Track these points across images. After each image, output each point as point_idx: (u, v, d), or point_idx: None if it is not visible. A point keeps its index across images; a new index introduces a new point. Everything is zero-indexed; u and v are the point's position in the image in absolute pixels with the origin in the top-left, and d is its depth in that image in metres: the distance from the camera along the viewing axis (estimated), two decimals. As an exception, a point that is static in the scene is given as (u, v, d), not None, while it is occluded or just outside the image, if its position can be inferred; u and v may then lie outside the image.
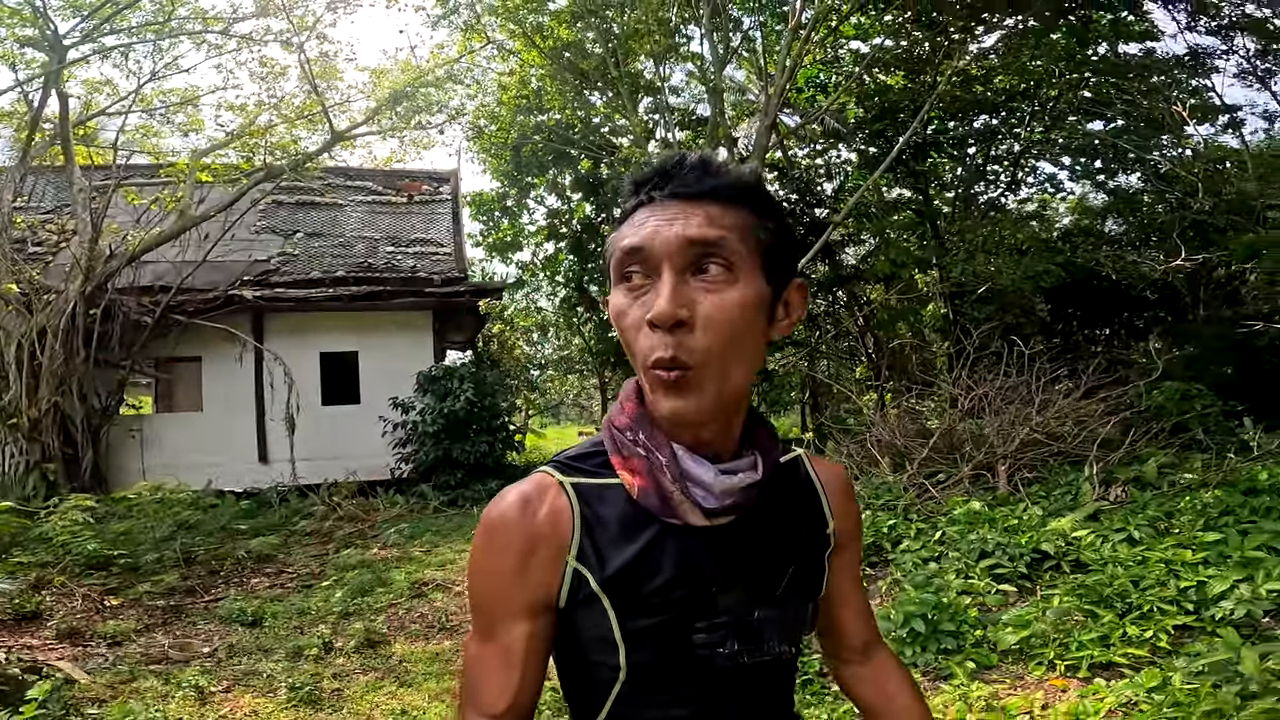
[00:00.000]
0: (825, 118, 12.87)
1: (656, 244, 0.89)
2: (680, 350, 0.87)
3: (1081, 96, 11.02)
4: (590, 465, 0.99)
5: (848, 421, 9.94)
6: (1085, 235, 12.03)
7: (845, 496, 1.11)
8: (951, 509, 6.13)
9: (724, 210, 0.91)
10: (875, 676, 1.14)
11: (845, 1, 10.75)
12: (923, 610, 4.06)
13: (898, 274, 11.63)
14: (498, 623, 0.95)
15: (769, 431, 1.02)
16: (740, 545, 0.96)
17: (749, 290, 0.90)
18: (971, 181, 13.63)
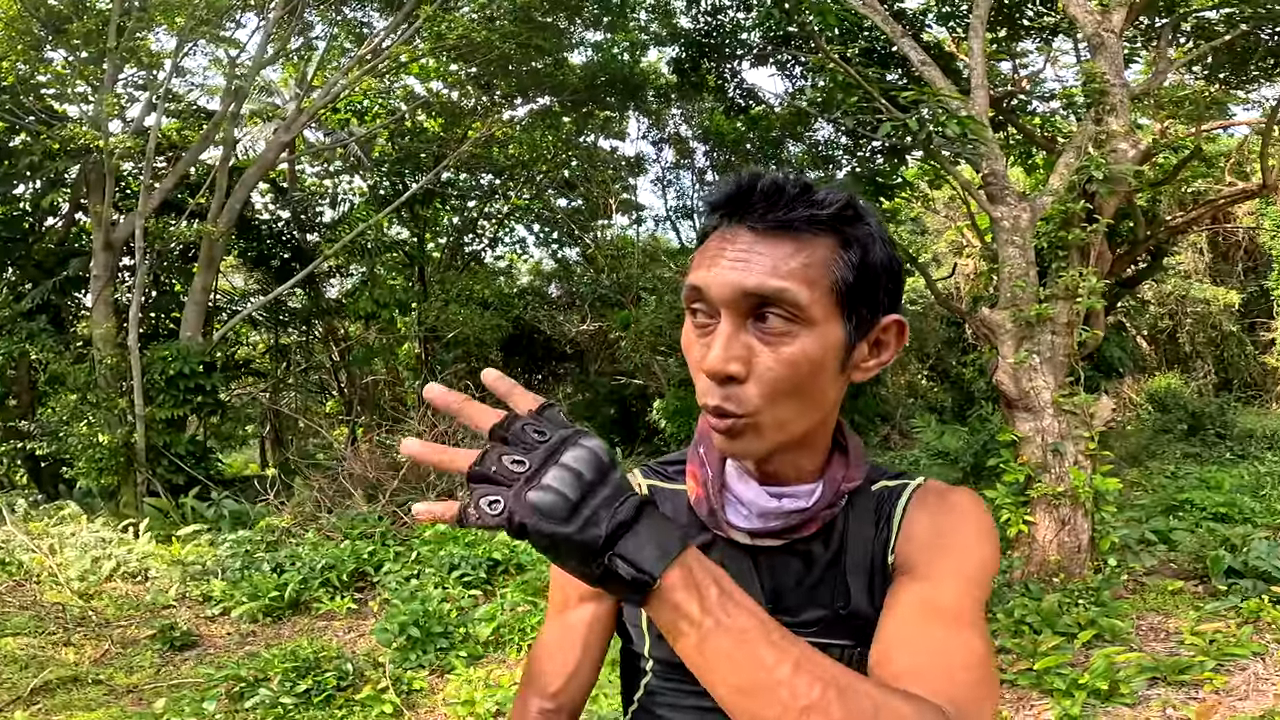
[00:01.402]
0: (352, 145, 12.78)
1: (715, 289, 0.83)
2: (729, 402, 0.83)
3: (561, 175, 13.36)
4: (671, 470, 1.02)
5: (316, 456, 10.15)
6: (535, 295, 14.52)
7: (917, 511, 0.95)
8: (423, 532, 7.08)
9: (797, 247, 0.83)
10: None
11: (425, 43, 10.99)
12: (414, 619, 4.86)
13: (379, 313, 12.12)
14: (570, 600, 1.01)
15: (846, 459, 0.95)
16: (786, 572, 0.93)
17: (814, 341, 0.82)
18: (463, 233, 14.95)
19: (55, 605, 5.75)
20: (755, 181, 0.85)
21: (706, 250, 0.86)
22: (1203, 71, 9.85)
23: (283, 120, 11.46)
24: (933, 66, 6.51)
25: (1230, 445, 10.86)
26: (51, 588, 6.17)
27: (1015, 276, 6.04)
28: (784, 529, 0.91)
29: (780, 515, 0.91)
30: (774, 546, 0.92)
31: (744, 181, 0.86)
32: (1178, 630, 4.54)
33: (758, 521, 0.91)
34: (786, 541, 0.92)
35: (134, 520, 8.31)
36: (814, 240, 0.83)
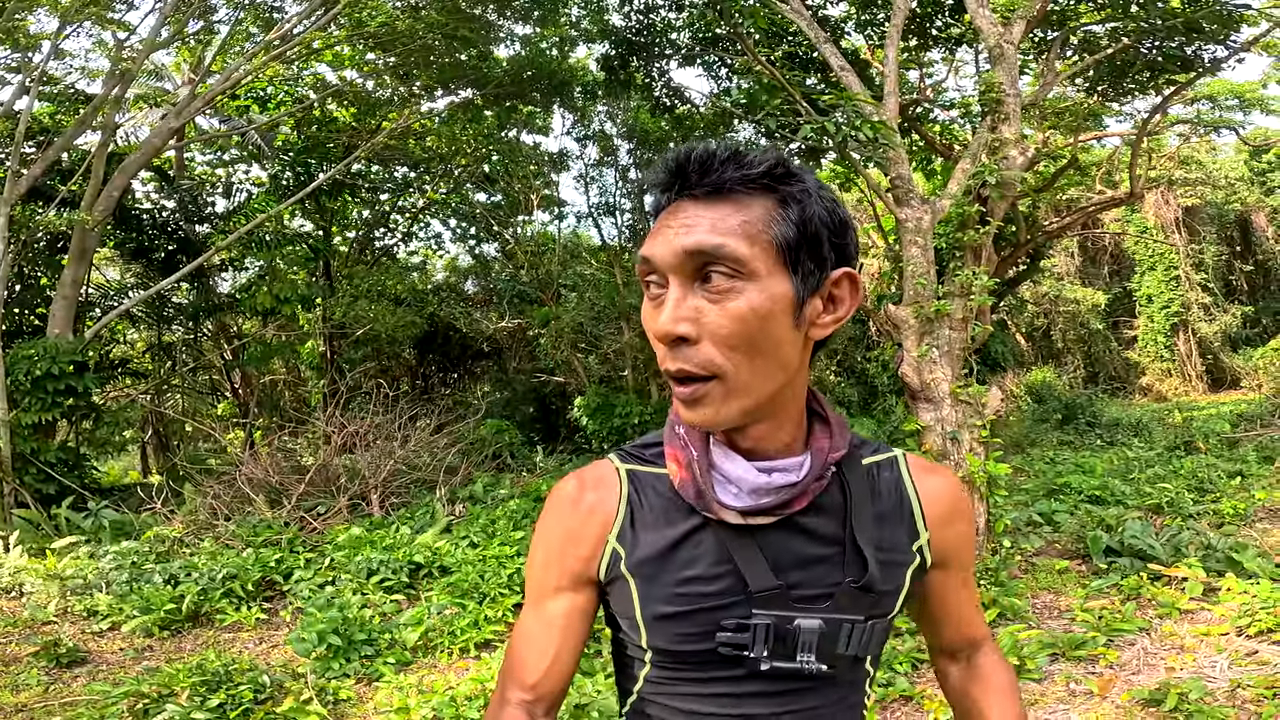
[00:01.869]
0: (252, 132, 11.96)
1: (657, 256, 0.86)
2: (686, 363, 0.85)
3: (481, 170, 12.99)
4: (649, 454, 0.99)
5: (209, 461, 9.56)
6: (450, 291, 14.14)
7: (951, 509, 1.02)
8: (335, 537, 6.78)
9: (735, 208, 0.85)
10: (964, 677, 1.13)
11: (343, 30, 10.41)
12: (333, 627, 4.64)
13: (279, 309, 11.51)
14: (546, 591, 0.98)
15: (830, 429, 0.96)
16: (787, 549, 0.92)
17: (759, 294, 0.84)
18: (374, 226, 14.35)
19: (-82, 628, 5.19)
20: (689, 154, 0.88)
21: (655, 227, 0.89)
22: (1084, 84, 10.61)
23: (172, 106, 10.72)
24: (850, 72, 6.76)
25: (1100, 433, 11.77)
26: (-88, 609, 5.56)
27: (918, 275, 6.35)
28: (776, 505, 0.90)
29: (771, 490, 0.90)
30: (766, 524, 0.91)
31: (680, 156, 0.89)
32: (1069, 608, 4.86)
33: (749, 499, 0.90)
34: (779, 518, 0.91)
35: (2, 533, 7.60)
36: (751, 200, 0.86)
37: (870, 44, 10.05)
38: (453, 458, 8.93)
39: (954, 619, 1.10)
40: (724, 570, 0.91)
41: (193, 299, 12.87)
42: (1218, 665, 3.80)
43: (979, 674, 1.12)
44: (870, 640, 0.93)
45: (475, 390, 13.62)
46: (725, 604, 0.91)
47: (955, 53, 11.12)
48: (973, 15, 7.16)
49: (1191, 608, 4.56)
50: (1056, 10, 8.98)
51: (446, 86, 12.04)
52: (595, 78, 12.05)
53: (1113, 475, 8.44)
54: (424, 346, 13.34)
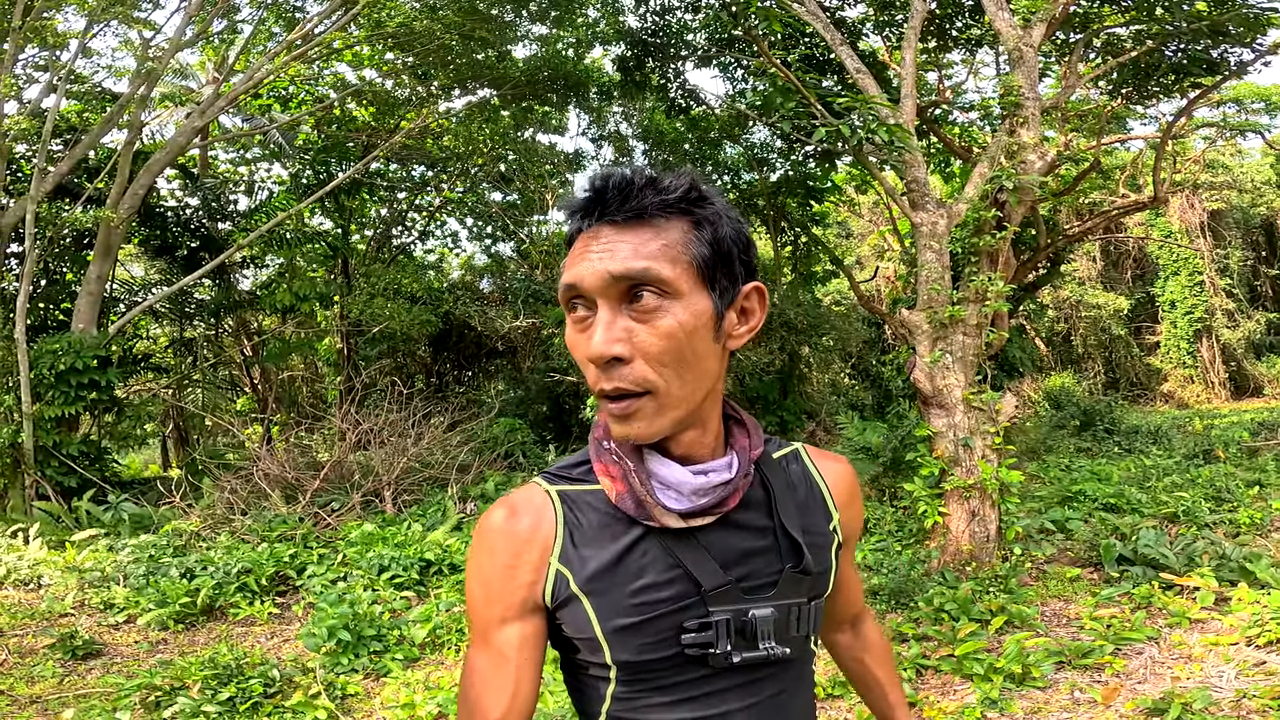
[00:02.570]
0: (273, 131, 12.13)
1: (586, 282, 0.88)
2: (621, 381, 0.88)
3: (497, 169, 13.08)
4: (576, 473, 1.01)
5: (227, 456, 9.69)
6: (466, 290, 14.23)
7: (850, 491, 1.11)
8: (348, 533, 6.86)
9: (655, 233, 0.89)
10: (854, 645, 1.27)
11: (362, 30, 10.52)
12: (343, 622, 4.70)
13: (298, 306, 11.64)
14: (491, 626, 0.96)
15: (747, 429, 1.02)
16: (727, 545, 0.96)
17: (685, 311, 0.89)
18: (392, 225, 14.47)
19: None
20: (608, 179, 0.91)
21: (574, 252, 0.92)
22: (1107, 87, 10.49)
23: (197, 105, 10.86)
24: (867, 75, 6.73)
25: (1118, 440, 11.62)
26: (-65, 598, 5.69)
27: (932, 279, 6.31)
28: (714, 504, 0.95)
29: (709, 490, 0.94)
30: (705, 524, 0.95)
31: (597, 183, 0.92)
32: (1078, 616, 4.83)
33: (689, 501, 0.94)
34: (716, 517, 0.95)
35: (23, 525, 7.75)
36: (668, 224, 0.90)
37: (888, 46, 9.99)
38: (465, 456, 9.00)
39: (847, 592, 1.21)
40: (674, 574, 0.94)
41: (214, 295, 13.04)
42: (1224, 675, 3.76)
43: (867, 641, 1.27)
44: (815, 618, 1.01)
45: (489, 388, 13.68)
46: (682, 606, 0.94)
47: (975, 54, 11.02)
48: (992, 17, 7.11)
49: (1202, 617, 4.52)
50: (1079, 13, 8.88)
51: (464, 86, 12.12)
52: (611, 79, 12.08)
53: (1129, 483, 8.34)
54: (439, 344, 13.43)
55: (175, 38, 10.28)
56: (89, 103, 11.71)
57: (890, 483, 7.83)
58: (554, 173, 13.72)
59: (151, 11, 10.57)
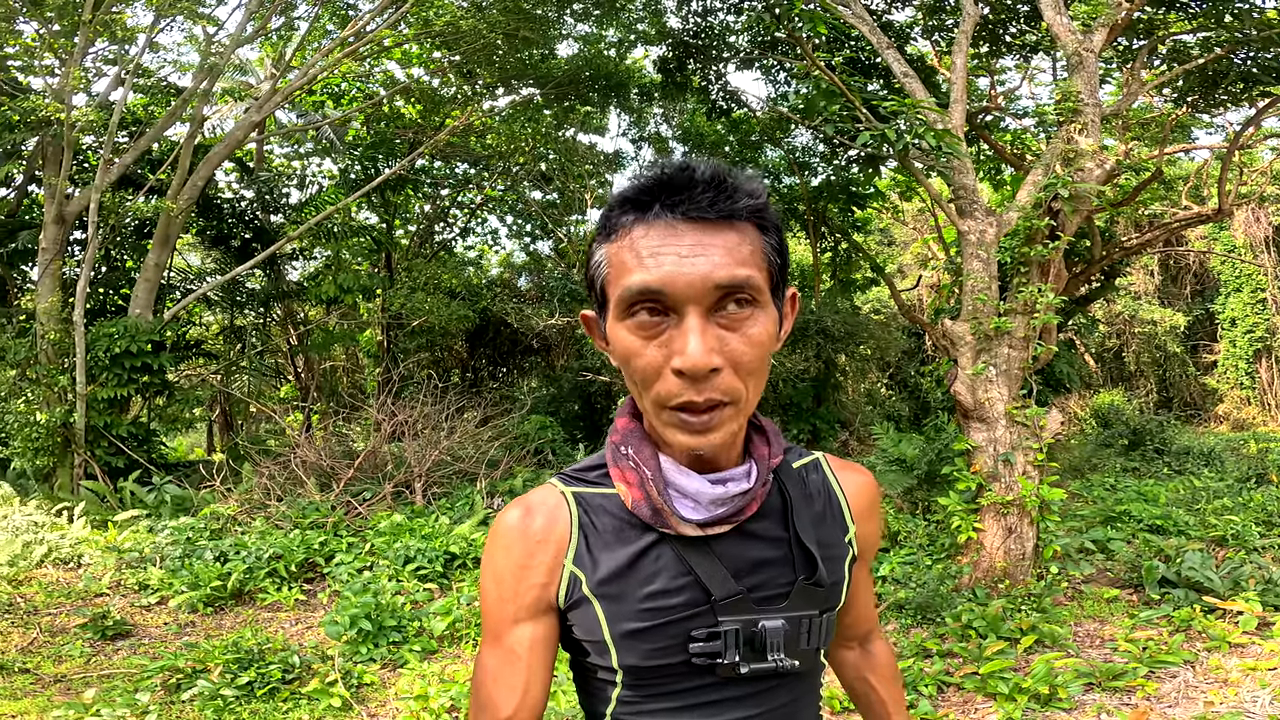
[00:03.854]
0: (325, 127, 12.47)
1: (679, 286, 0.83)
2: (714, 393, 0.84)
3: (538, 168, 13.24)
4: (592, 476, 1.00)
5: (268, 442, 9.91)
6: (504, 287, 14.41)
7: (870, 504, 1.09)
8: (377, 523, 6.96)
9: (740, 237, 0.86)
10: (861, 663, 1.21)
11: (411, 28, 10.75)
12: (365, 611, 4.76)
13: (342, 298, 11.87)
14: (504, 625, 0.96)
15: (766, 438, 1.00)
16: (740, 555, 0.95)
17: (769, 320, 0.88)
18: (434, 221, 14.73)
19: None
20: (692, 171, 0.86)
21: (636, 248, 0.85)
22: (1172, 94, 10.14)
23: (255, 100, 11.16)
24: (914, 79, 6.59)
25: (1168, 461, 11.21)
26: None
27: (978, 290, 6.14)
28: (731, 513, 0.93)
29: (728, 500, 0.92)
30: (720, 533, 0.94)
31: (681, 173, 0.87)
32: (1113, 637, 4.67)
33: (707, 511, 0.92)
34: (734, 525, 0.94)
35: (69, 504, 8.03)
36: (745, 228, 0.87)
37: (937, 50, 9.78)
38: (496, 451, 9.05)
39: (859, 607, 1.18)
40: (685, 582, 0.93)
41: (264, 285, 13.40)
42: (1260, 701, 3.58)
43: (875, 661, 1.22)
44: (826, 632, 0.99)
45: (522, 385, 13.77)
46: (692, 614, 0.93)
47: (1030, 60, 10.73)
48: (1049, 22, 6.90)
49: (1243, 642, 4.33)
50: (1143, 19, 8.58)
51: (508, 85, 12.25)
52: (652, 79, 12.08)
53: (1177, 505, 8.04)
54: (476, 339, 13.58)
55: (236, 33, 10.57)
56: (154, 96, 12.12)
57: (924, 496, 7.65)
58: (593, 173, 13.78)
59: (215, 7, 10.88)
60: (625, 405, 1.00)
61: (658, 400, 0.87)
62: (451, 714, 3.74)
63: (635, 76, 12.58)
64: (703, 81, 10.11)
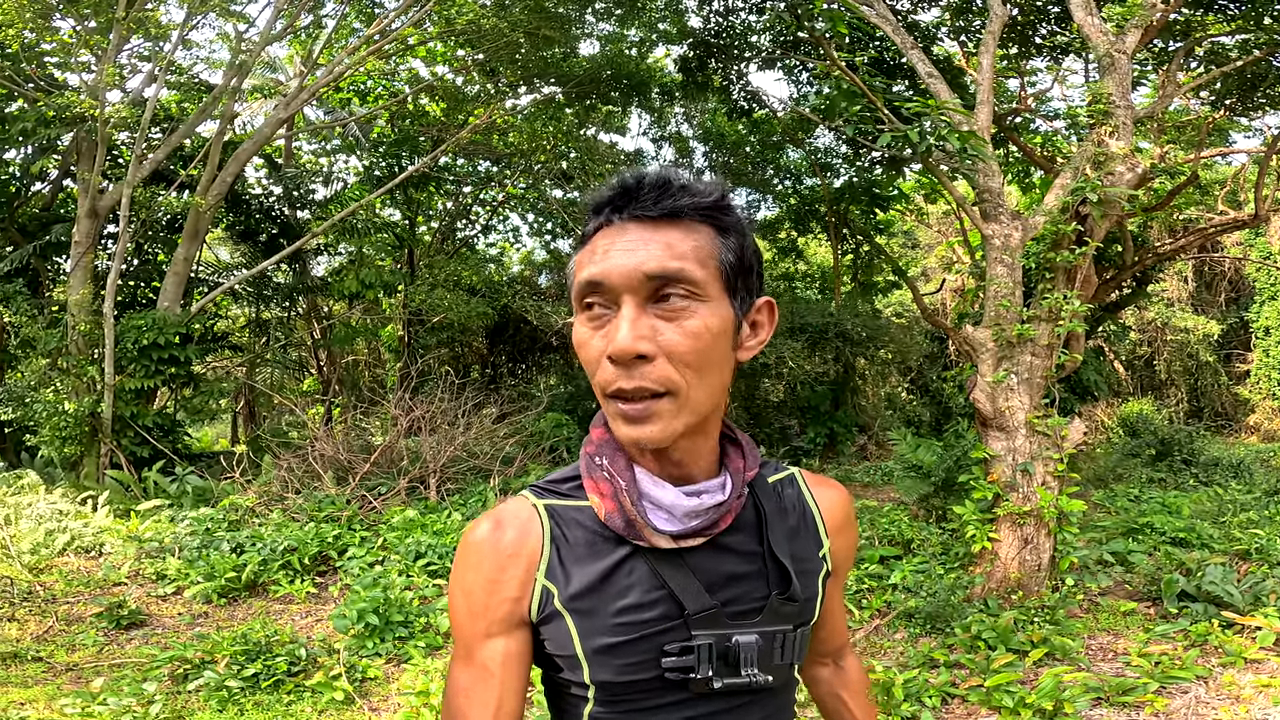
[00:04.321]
0: (351, 124, 12.63)
1: (614, 277, 0.86)
2: (644, 380, 0.86)
3: (559, 166, 13.32)
4: (565, 488, 1.00)
5: (289, 435, 10.04)
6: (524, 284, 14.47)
7: (845, 519, 1.09)
8: (391, 517, 7.01)
9: (685, 234, 0.88)
10: (834, 680, 1.22)
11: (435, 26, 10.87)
12: (374, 606, 4.80)
13: (364, 293, 12.01)
14: (476, 641, 0.95)
15: (742, 450, 1.00)
16: (715, 569, 0.95)
17: (712, 316, 0.88)
18: (456, 218, 14.87)
19: (3, 578, 5.63)
20: (642, 177, 0.91)
21: (594, 248, 0.90)
22: (1209, 97, 9.91)
23: (284, 97, 11.32)
24: (939, 80, 6.49)
25: (1195, 472, 10.96)
26: (2, 560, 6.04)
27: (1001, 295, 6.04)
28: (705, 526, 0.93)
29: (702, 512, 0.93)
30: (694, 546, 0.94)
31: (631, 179, 0.91)
32: (1126, 651, 4.58)
33: (681, 523, 0.92)
34: (706, 538, 0.94)
35: (94, 492, 8.19)
36: (696, 228, 0.89)
37: (965, 51, 9.64)
38: (511, 448, 9.08)
39: (832, 623, 1.18)
40: (659, 595, 0.93)
41: (290, 280, 13.57)
42: (1272, 718, 3.48)
43: (847, 677, 1.23)
44: (799, 647, 0.99)
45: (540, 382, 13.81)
46: (665, 629, 0.92)
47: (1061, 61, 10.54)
48: (1080, 23, 6.75)
49: (1259, 658, 4.23)
50: (1180, 20, 8.38)
51: (530, 83, 12.31)
52: (673, 79, 12.05)
53: (1202, 517, 7.85)
54: (495, 336, 13.66)
55: (265, 31, 10.72)
56: (187, 93, 12.34)
57: (940, 504, 7.55)
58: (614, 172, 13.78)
59: (245, 5, 11.04)
60: (601, 416, 1.00)
61: (600, 388, 0.90)
62: (452, 712, 3.76)
63: (656, 76, 12.57)
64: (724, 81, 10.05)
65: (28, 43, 9.72)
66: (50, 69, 10.72)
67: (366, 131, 13.49)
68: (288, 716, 3.70)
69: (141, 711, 3.44)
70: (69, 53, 10.20)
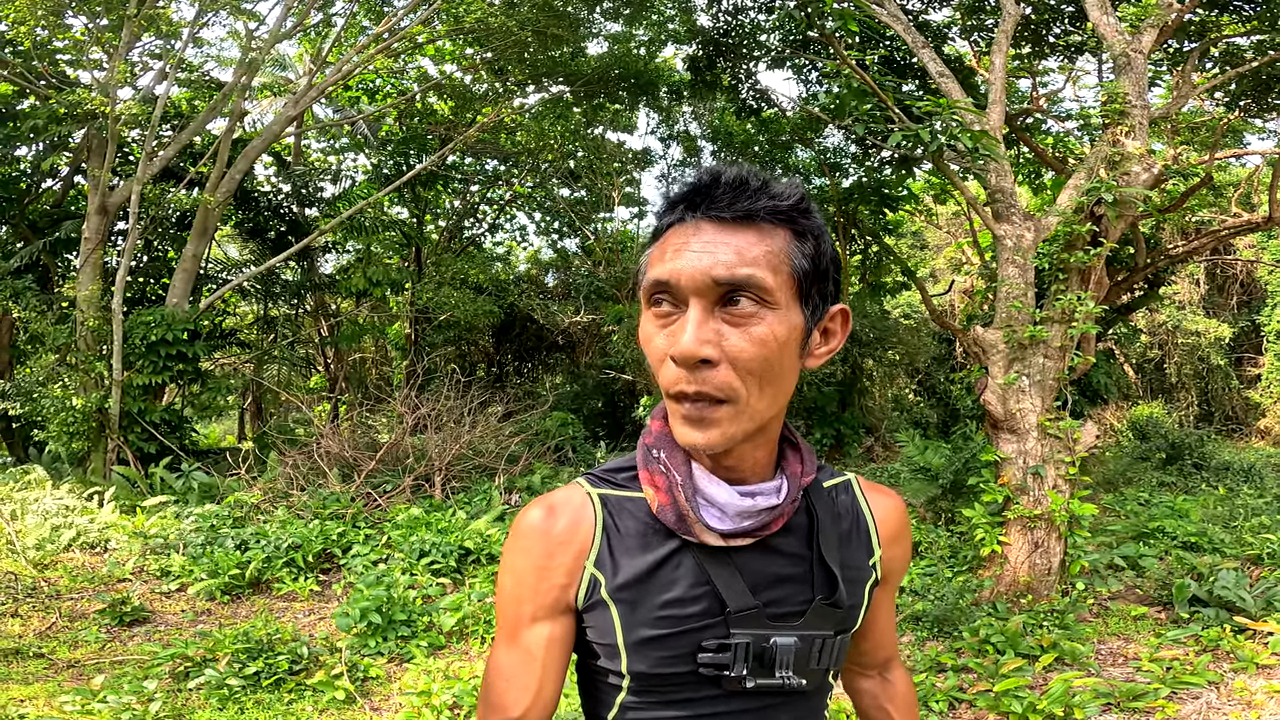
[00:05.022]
0: (360, 122, 12.65)
1: (683, 280, 0.85)
2: (705, 385, 0.85)
3: (567, 165, 13.32)
4: (621, 478, 1.00)
5: (296, 432, 10.03)
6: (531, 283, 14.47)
7: (899, 529, 1.08)
8: (395, 515, 6.99)
9: (759, 237, 0.86)
10: (878, 691, 1.20)
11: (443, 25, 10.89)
12: (377, 605, 4.78)
13: (371, 291, 12.03)
14: (521, 624, 0.96)
15: (800, 455, 0.99)
16: (761, 569, 0.95)
17: (780, 324, 0.86)
18: (464, 216, 14.88)
19: (8, 574, 5.63)
20: (719, 175, 0.89)
21: (666, 245, 0.89)
22: (1224, 98, 9.83)
23: (293, 95, 11.33)
24: (951, 79, 6.44)
25: (1206, 476, 10.86)
26: (7, 556, 6.04)
27: (1012, 296, 5.98)
28: (757, 527, 0.93)
29: (755, 514, 0.92)
30: (742, 545, 0.94)
31: (707, 176, 0.89)
32: (1137, 656, 4.52)
33: (732, 522, 0.92)
34: (758, 539, 0.94)
35: (100, 488, 8.19)
36: (773, 231, 0.87)
37: (976, 51, 9.57)
38: (516, 447, 9.05)
39: (880, 634, 1.16)
40: (702, 591, 0.93)
41: (298, 277, 13.58)
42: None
43: (893, 690, 1.20)
44: (838, 653, 0.99)
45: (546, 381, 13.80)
46: (704, 625, 0.93)
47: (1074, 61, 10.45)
48: (1095, 23, 6.67)
49: (1271, 663, 4.17)
50: (1195, 21, 8.30)
51: (538, 82, 12.30)
52: (681, 78, 12.01)
53: (1213, 521, 7.77)
54: (502, 335, 13.67)
55: (274, 29, 10.72)
56: (198, 90, 12.36)
57: (948, 506, 7.49)
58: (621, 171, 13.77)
59: (256, 3, 11.07)
60: (661, 408, 0.99)
61: (664, 387, 0.89)
62: (454, 711, 3.73)
63: (665, 75, 12.54)
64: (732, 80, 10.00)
65: (39, 40, 9.73)
66: (62, 66, 10.75)
67: (375, 130, 13.50)
68: (288, 715, 3.68)
69: (141, 709, 3.42)
70: (81, 50, 10.21)
